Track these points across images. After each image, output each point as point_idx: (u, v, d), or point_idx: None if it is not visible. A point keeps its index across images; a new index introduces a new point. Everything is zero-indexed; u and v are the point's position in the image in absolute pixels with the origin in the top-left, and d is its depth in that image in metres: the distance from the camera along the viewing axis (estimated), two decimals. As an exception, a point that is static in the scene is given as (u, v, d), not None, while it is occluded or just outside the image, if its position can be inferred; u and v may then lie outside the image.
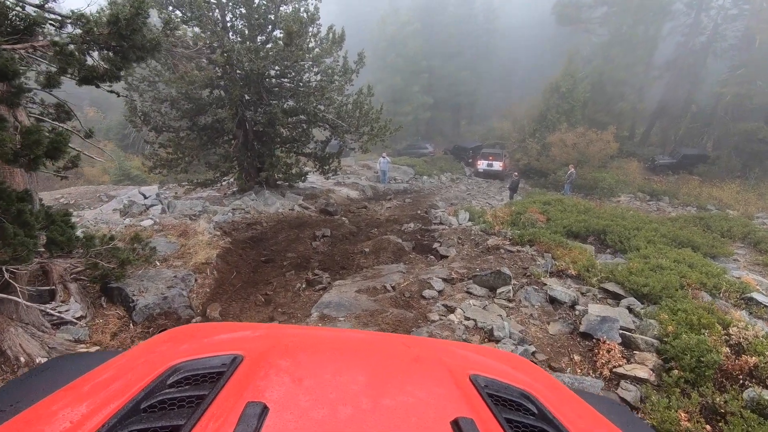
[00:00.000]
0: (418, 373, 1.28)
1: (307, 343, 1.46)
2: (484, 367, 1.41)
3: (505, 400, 1.15)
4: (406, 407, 1.00)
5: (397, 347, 1.53)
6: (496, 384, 1.23)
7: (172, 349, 1.35)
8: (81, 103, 40.48)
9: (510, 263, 7.21)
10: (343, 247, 8.47)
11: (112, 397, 1.00)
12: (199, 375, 1.10)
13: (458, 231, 10.07)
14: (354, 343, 1.59)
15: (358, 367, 1.26)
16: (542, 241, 8.42)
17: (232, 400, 0.94)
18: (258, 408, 0.87)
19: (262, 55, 10.64)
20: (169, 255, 5.93)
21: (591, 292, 5.55)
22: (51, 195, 14.56)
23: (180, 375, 1.10)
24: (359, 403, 1.00)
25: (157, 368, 1.13)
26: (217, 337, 1.52)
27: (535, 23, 46.73)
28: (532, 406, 1.15)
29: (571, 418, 1.15)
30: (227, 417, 0.86)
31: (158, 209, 9.04)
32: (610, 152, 24.29)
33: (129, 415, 0.91)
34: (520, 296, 5.26)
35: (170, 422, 0.88)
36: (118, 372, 1.18)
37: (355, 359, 1.34)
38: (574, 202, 13.58)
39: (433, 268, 6.78)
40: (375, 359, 1.37)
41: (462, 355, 1.58)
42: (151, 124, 12.32)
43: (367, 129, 13.32)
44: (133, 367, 1.20)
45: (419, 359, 1.37)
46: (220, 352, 1.23)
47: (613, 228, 10.35)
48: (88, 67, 3.50)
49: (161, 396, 0.99)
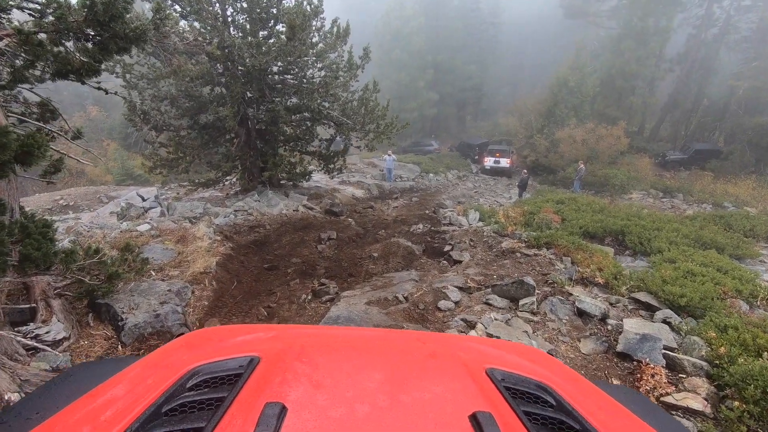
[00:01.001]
0: (434, 368, 1.26)
1: (323, 343, 1.47)
2: (500, 361, 1.40)
3: (523, 392, 1.15)
4: (424, 403, 1.00)
5: (412, 343, 1.53)
6: (513, 377, 1.23)
7: (190, 353, 1.36)
8: (84, 102, 40.37)
9: (528, 269, 6.77)
10: (350, 251, 8.06)
11: (134, 403, 1.01)
12: (218, 377, 1.12)
13: (470, 232, 9.63)
14: (369, 341, 1.57)
15: (374, 365, 1.26)
16: (560, 243, 7.98)
17: (251, 401, 0.95)
18: (277, 408, 0.87)
19: (264, 50, 10.20)
20: (165, 264, 5.53)
21: (621, 302, 5.10)
22: (51, 197, 14.27)
23: (199, 378, 1.12)
24: (376, 400, 0.99)
25: (177, 372, 1.15)
26: (233, 340, 1.53)
27: (542, 16, 46.05)
28: (551, 398, 1.15)
29: (591, 408, 1.14)
30: (247, 418, 0.87)
31: (157, 212, 8.66)
32: (620, 148, 23.72)
33: (151, 419, 0.92)
34: (544, 308, 4.82)
35: (192, 425, 0.89)
36: (139, 377, 1.20)
37: (370, 357, 1.34)
38: (588, 200, 13.10)
39: (447, 275, 6.35)
40: (390, 356, 1.37)
41: (477, 349, 1.57)
42: (150, 123, 11.92)
43: (373, 126, 12.88)
44: (153, 371, 1.23)
45: (435, 355, 1.37)
46: (237, 355, 1.25)
47: (632, 228, 9.87)
48: (61, 59, 3.09)
49: (182, 399, 1.00)
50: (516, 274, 6.39)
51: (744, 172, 23.13)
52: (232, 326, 1.78)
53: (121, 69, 10.74)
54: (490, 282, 6.01)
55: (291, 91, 12.64)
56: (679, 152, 27.01)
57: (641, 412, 1.27)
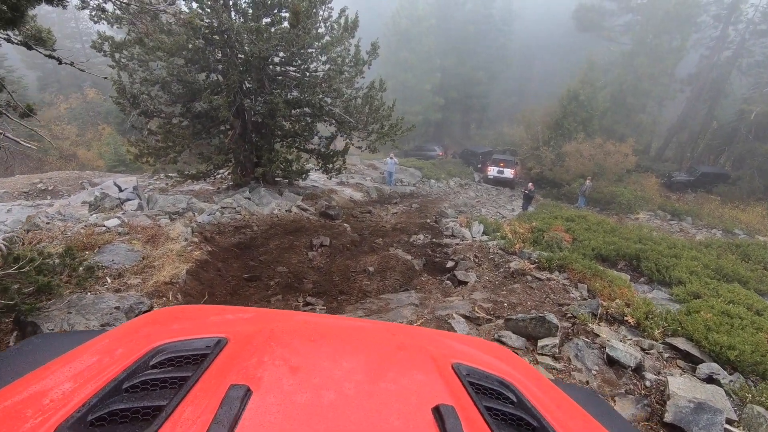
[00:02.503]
0: (402, 360, 1.27)
1: (293, 329, 1.44)
2: (466, 356, 1.41)
3: (486, 388, 1.16)
4: (389, 393, 1.01)
5: (382, 334, 1.54)
6: (478, 373, 1.25)
7: (156, 330, 1.32)
8: (82, 84, 39.46)
9: (541, 296, 6.04)
10: (343, 261, 7.29)
11: (94, 376, 0.98)
12: (183, 357, 1.10)
13: (474, 247, 8.89)
14: (340, 329, 1.55)
15: (343, 354, 1.24)
16: (575, 268, 7.26)
17: (215, 382, 0.93)
18: (241, 391, 0.85)
19: (266, 36, 9.44)
20: (126, 269, 4.71)
21: (655, 348, 4.37)
22: (29, 179, 13.44)
23: (163, 356, 1.10)
24: (343, 388, 0.99)
25: (140, 349, 1.13)
26: (202, 320, 1.49)
27: (552, 28, 45.58)
28: (512, 395, 1.17)
29: (549, 407, 1.17)
30: (210, 399, 0.86)
31: (134, 204, 7.87)
32: (627, 166, 23.14)
33: (111, 395, 0.91)
34: (568, 352, 4.08)
35: (152, 402, 0.87)
36: (101, 352, 1.16)
37: (340, 345, 1.33)
38: (598, 219, 12.40)
39: (452, 299, 5.61)
40: (360, 346, 1.36)
41: (446, 343, 1.59)
42: (140, 108, 11.13)
43: (377, 127, 12.15)
44: (115, 347, 1.19)
45: (404, 347, 1.37)
46: (204, 335, 1.23)
47: (648, 254, 9.18)
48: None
49: (144, 376, 0.98)
50: (529, 303, 5.66)
51: (752, 199, 22.58)
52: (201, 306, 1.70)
53: (110, 47, 9.95)
54: (500, 311, 5.27)
55: (292, 84, 11.88)
56: (685, 174, 26.52)
57: (597, 413, 1.30)
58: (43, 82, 38.99)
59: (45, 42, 4.29)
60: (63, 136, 30.73)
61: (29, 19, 4.17)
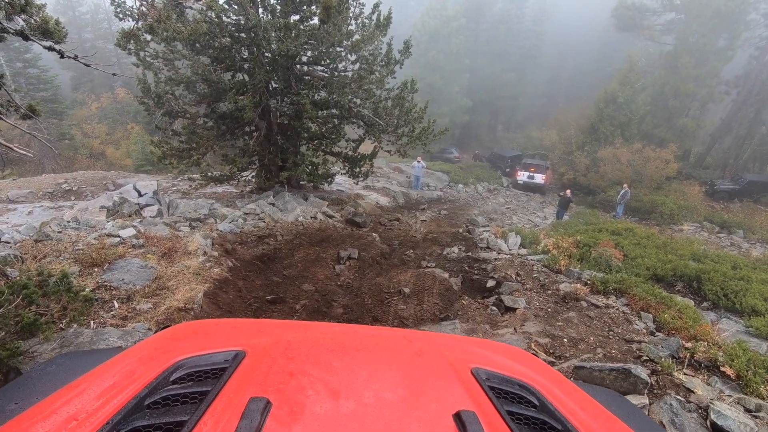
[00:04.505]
0: (420, 367, 1.25)
1: (310, 339, 1.43)
2: (485, 360, 1.39)
3: (507, 392, 1.15)
4: (409, 401, 1.00)
5: (399, 342, 1.52)
6: (498, 377, 1.23)
7: (175, 346, 1.32)
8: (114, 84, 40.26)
9: (602, 328, 5.26)
10: (373, 278, 6.65)
11: (116, 394, 0.99)
12: (202, 371, 1.10)
13: (515, 263, 8.13)
14: (356, 338, 1.53)
15: (361, 362, 1.24)
16: (635, 293, 6.41)
17: (235, 395, 0.93)
18: (261, 403, 0.85)
19: (294, 33, 8.90)
20: (136, 291, 4.16)
21: (763, 409, 3.55)
22: (55, 179, 13.33)
23: (183, 371, 1.10)
24: (362, 397, 0.98)
25: (161, 365, 1.13)
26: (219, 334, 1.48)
27: (586, 28, 43.94)
28: (534, 398, 1.15)
29: (572, 409, 1.15)
30: (231, 412, 0.85)
31: (154, 210, 7.45)
32: (669, 173, 21.72)
33: (133, 412, 0.91)
34: (660, 415, 3.30)
35: (174, 418, 0.87)
36: (122, 369, 1.16)
37: (357, 354, 1.31)
38: (647, 232, 11.41)
39: (502, 331, 4.89)
40: (377, 354, 1.35)
41: (463, 348, 1.57)
42: (164, 108, 10.79)
43: (408, 129, 11.47)
44: (136, 363, 1.19)
45: (421, 353, 1.36)
46: (222, 349, 1.23)
47: (711, 275, 8.20)
48: None
49: (165, 392, 0.99)
50: (591, 338, 4.89)
51: (805, 210, 20.91)
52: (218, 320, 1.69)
53: (134, 46, 9.61)
54: (561, 349, 4.53)
55: (320, 84, 11.34)
56: (729, 182, 24.90)
57: (621, 413, 1.27)
58: (76, 81, 39.94)
59: (52, 34, 3.79)
60: (93, 135, 31.29)
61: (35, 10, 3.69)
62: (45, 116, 26.94)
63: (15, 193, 11.26)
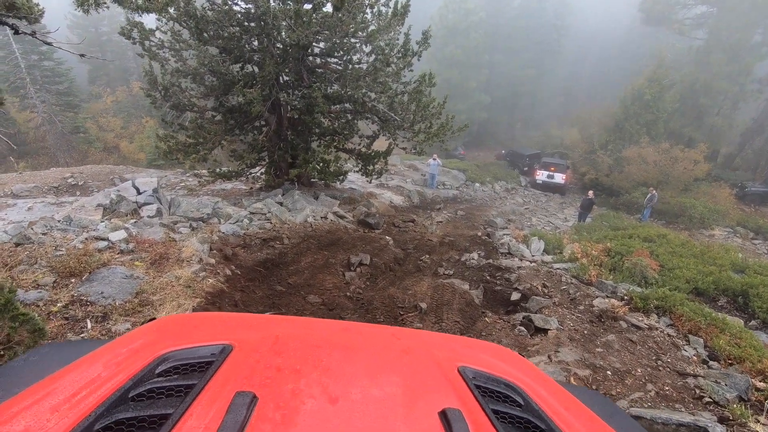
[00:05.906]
0: (407, 364, 1.25)
1: (298, 334, 1.42)
2: (472, 359, 1.38)
3: (493, 391, 1.15)
4: (395, 398, 1.00)
5: (387, 339, 1.50)
6: (484, 376, 1.23)
7: (161, 339, 1.30)
8: (129, 77, 40.32)
9: (648, 356, 4.58)
10: (386, 288, 6.06)
11: (100, 386, 0.97)
12: (189, 364, 1.08)
13: (540, 272, 7.46)
14: (345, 334, 1.51)
15: (349, 359, 1.22)
16: (681, 312, 5.70)
17: (221, 389, 0.92)
18: (247, 398, 0.84)
19: (306, 21, 8.31)
20: (114, 307, 3.59)
21: None
22: (61, 173, 13.02)
23: (169, 364, 1.08)
24: (348, 393, 0.97)
25: (146, 357, 1.11)
26: (207, 327, 1.46)
27: (609, 22, 42.50)
28: (519, 398, 1.15)
29: (556, 409, 1.15)
30: (216, 406, 0.84)
31: (153, 209, 6.94)
32: (698, 174, 20.62)
33: (117, 404, 0.89)
34: (744, 485, 2.68)
35: (159, 411, 0.86)
36: (107, 360, 1.14)
37: (345, 351, 1.30)
38: (682, 239, 10.58)
39: (534, 359, 4.25)
40: (365, 351, 1.34)
41: (451, 347, 1.56)
42: (171, 101, 10.33)
43: (425, 126, 10.81)
44: (121, 355, 1.17)
45: (409, 351, 1.35)
46: (209, 342, 1.21)
47: (759, 290, 7.43)
48: None
49: (150, 385, 0.97)
50: (638, 370, 4.22)
51: (844, 217, 19.63)
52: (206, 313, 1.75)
53: (139, 35, 9.15)
54: (605, 385, 3.88)
55: (333, 77, 10.75)
56: (761, 185, 23.68)
57: (605, 414, 1.27)
58: (92, 75, 40.09)
59: (19, 9, 3.25)
60: (108, 128, 31.27)
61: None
62: (60, 109, 26.93)
63: (20, 187, 10.95)
